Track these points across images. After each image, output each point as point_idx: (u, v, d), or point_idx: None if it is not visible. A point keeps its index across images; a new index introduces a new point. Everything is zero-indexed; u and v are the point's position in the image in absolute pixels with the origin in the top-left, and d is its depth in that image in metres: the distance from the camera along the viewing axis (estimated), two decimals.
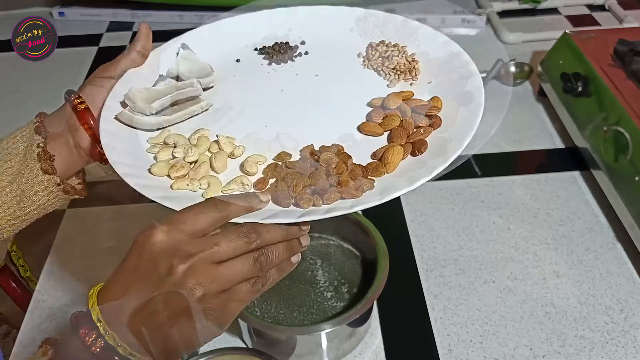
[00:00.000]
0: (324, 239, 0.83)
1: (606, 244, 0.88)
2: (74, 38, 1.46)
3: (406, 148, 0.51)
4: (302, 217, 0.44)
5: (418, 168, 0.48)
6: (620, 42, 1.01)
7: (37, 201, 0.54)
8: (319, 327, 0.67)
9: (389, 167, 0.49)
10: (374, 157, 0.51)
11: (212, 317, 0.41)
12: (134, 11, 1.50)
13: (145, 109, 0.55)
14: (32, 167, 0.53)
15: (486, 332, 0.76)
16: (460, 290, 0.82)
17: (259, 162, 0.52)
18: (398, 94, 0.56)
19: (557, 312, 0.79)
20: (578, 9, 1.50)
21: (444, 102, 0.55)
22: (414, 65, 0.60)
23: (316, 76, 0.62)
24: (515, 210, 0.94)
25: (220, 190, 0.49)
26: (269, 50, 0.65)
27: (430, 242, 0.89)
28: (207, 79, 0.61)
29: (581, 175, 1.00)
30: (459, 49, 0.59)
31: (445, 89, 0.57)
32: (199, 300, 0.40)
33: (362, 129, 0.54)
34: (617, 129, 0.88)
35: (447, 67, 0.59)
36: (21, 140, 0.55)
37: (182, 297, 0.40)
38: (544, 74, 1.14)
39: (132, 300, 0.41)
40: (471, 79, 0.55)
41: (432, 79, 0.59)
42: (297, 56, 0.65)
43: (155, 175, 0.51)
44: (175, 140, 0.54)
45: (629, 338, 0.75)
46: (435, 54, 0.61)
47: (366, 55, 0.63)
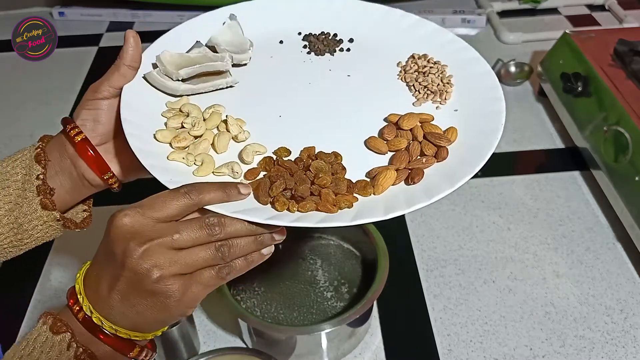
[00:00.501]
0: (324, 239, 0.83)
1: (606, 244, 0.88)
2: (74, 38, 1.46)
3: (402, 174, 0.49)
4: (268, 220, 0.44)
5: (403, 197, 0.47)
6: (620, 42, 1.01)
7: (35, 235, 0.53)
8: (319, 327, 0.67)
9: (376, 189, 0.47)
10: (368, 175, 0.50)
11: (172, 299, 0.43)
12: (134, 11, 1.51)
13: (172, 74, 0.55)
14: (30, 199, 0.51)
15: (486, 332, 0.76)
16: (460, 290, 0.82)
17: (257, 152, 0.51)
18: (416, 115, 0.54)
19: (557, 312, 0.79)
20: (578, 9, 1.50)
21: (461, 134, 0.52)
22: (446, 89, 0.57)
23: (348, 76, 0.60)
24: (515, 210, 0.94)
25: (211, 171, 0.49)
26: (312, 39, 0.63)
27: (430, 242, 0.89)
28: (241, 55, 0.59)
29: (581, 175, 1.00)
30: (495, 82, 0.56)
31: (467, 122, 0.54)
32: (156, 281, 0.41)
33: (368, 144, 0.52)
34: (617, 129, 0.88)
35: (479, 99, 0.55)
36: (21, 165, 0.52)
37: (138, 278, 0.42)
38: (544, 74, 1.14)
39: (99, 277, 0.44)
40: (494, 117, 0.52)
41: (460, 107, 0.56)
42: (340, 51, 0.63)
43: (158, 141, 0.51)
44: (189, 109, 0.53)
45: (629, 338, 0.75)
46: (473, 82, 0.57)
47: (404, 66, 0.61)
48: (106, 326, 0.44)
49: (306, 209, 0.45)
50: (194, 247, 0.43)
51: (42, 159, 0.52)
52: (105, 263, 0.43)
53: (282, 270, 0.80)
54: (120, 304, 0.43)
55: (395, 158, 0.50)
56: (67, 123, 0.53)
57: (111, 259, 0.43)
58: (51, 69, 1.33)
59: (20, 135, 1.15)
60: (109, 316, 0.44)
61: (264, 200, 0.46)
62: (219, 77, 0.57)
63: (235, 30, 0.62)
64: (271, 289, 0.78)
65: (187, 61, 0.57)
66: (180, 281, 0.42)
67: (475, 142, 0.51)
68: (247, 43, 0.61)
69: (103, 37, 1.47)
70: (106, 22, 1.52)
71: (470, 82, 0.57)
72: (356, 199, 0.47)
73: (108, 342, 0.44)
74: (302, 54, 0.63)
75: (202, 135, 0.52)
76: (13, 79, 1.33)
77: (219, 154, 0.51)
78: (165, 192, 0.44)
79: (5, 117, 1.21)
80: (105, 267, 0.43)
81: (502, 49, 1.34)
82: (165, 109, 0.55)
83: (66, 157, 0.53)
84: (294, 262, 0.81)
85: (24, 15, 0.99)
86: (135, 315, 0.43)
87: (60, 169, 0.53)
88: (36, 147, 0.53)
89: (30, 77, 1.32)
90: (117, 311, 0.43)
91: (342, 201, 0.46)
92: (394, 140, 0.52)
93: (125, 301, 0.43)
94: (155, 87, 0.56)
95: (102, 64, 0.56)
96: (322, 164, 0.49)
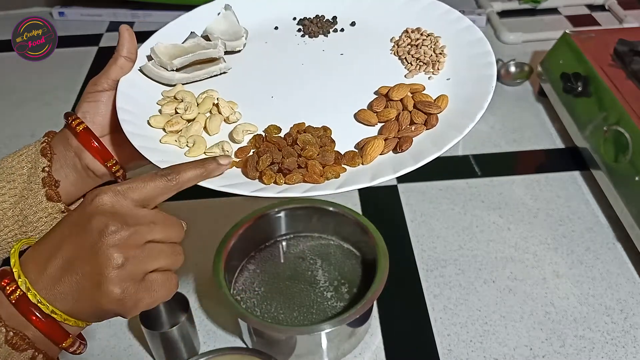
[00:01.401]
0: (324, 239, 0.83)
1: (606, 244, 0.88)
2: (74, 38, 1.46)
3: (391, 143, 0.49)
4: (255, 192, 0.45)
5: (390, 164, 0.47)
6: (620, 42, 1.01)
7: (39, 227, 0.53)
8: (319, 327, 0.67)
9: (365, 159, 0.48)
10: (357, 146, 0.50)
11: (121, 294, 0.41)
12: (134, 11, 1.51)
13: (167, 64, 0.57)
14: (36, 191, 0.52)
15: (486, 332, 0.76)
16: (460, 290, 0.82)
17: (248, 131, 0.52)
18: (406, 86, 0.54)
19: (557, 312, 0.79)
20: (578, 9, 1.50)
21: (452, 101, 0.53)
22: (439, 59, 0.57)
23: (341, 55, 0.61)
24: (515, 210, 0.94)
25: (203, 151, 0.50)
26: (305, 22, 0.65)
27: (430, 242, 0.89)
28: (234, 43, 0.61)
29: (581, 175, 1.00)
30: (487, 48, 0.56)
31: (459, 88, 0.54)
32: (115, 267, 0.40)
33: (357, 116, 0.53)
34: (617, 129, 0.88)
35: (471, 65, 0.56)
36: (26, 160, 0.53)
37: (101, 260, 0.40)
38: (544, 74, 1.14)
39: (54, 251, 0.41)
40: (485, 81, 0.52)
41: (454, 75, 0.56)
42: (334, 32, 0.64)
43: (152, 126, 0.53)
44: (183, 96, 0.55)
45: (629, 338, 0.75)
46: (466, 49, 0.57)
47: (397, 40, 0.61)
48: (42, 306, 0.40)
49: (293, 180, 0.46)
50: (156, 249, 0.42)
51: (47, 152, 0.53)
52: (69, 236, 0.41)
53: (282, 270, 0.80)
54: (66, 279, 0.40)
55: (384, 128, 0.51)
56: (68, 116, 0.54)
57: (80, 232, 0.41)
58: (51, 69, 1.33)
59: (21, 135, 1.15)
60: (48, 295, 0.41)
61: (252, 175, 0.47)
62: (212, 64, 0.59)
63: (230, 19, 0.63)
64: (271, 289, 0.78)
65: (181, 51, 0.58)
66: (134, 284, 0.41)
67: (464, 108, 0.51)
68: (242, 31, 0.63)
69: (103, 37, 1.47)
70: (106, 22, 1.52)
71: (463, 50, 0.58)
72: (344, 170, 0.48)
73: (40, 327, 0.41)
74: (296, 37, 0.64)
75: (194, 119, 0.53)
76: (13, 79, 1.33)
77: (211, 135, 0.53)
78: (146, 174, 0.44)
79: (5, 117, 1.21)
80: (67, 240, 0.41)
81: (502, 49, 1.34)
82: (161, 98, 0.56)
83: (70, 150, 0.54)
84: (294, 262, 0.81)
85: (24, 15, 0.99)
86: (75, 293, 0.41)
87: (65, 161, 0.54)
88: (42, 141, 0.54)
89: (30, 77, 1.32)
90: (59, 290, 0.41)
91: (329, 171, 0.46)
92: (384, 111, 0.52)
93: (72, 275, 0.40)
94: (152, 79, 0.57)
95: (102, 64, 0.56)
96: (309, 137, 0.49)
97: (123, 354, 0.76)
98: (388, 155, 0.49)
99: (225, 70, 0.59)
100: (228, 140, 0.52)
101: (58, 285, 0.41)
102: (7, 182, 0.52)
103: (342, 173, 0.47)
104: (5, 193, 0.52)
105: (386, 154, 0.49)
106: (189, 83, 0.58)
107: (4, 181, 0.52)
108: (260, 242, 0.83)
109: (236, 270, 0.80)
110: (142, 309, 0.42)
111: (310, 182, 0.46)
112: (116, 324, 0.79)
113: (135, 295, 0.41)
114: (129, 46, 0.55)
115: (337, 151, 0.49)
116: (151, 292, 0.42)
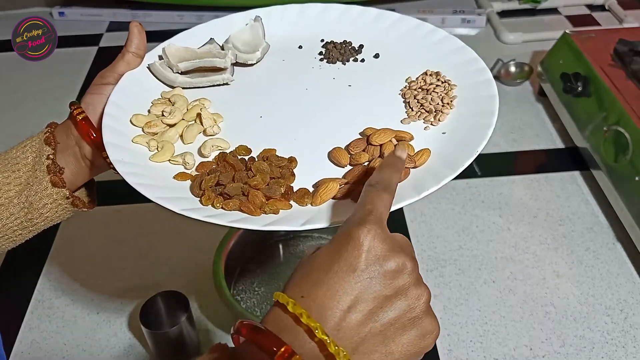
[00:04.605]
0: (323, 239, 0.83)
1: (606, 244, 0.88)
2: (74, 38, 1.46)
3: (346, 189, 0.46)
4: (183, 211, 0.43)
5: (336, 211, 0.44)
6: (620, 42, 1.01)
7: (45, 213, 0.54)
8: None
9: (315, 200, 0.45)
10: (315, 185, 0.47)
11: (431, 333, 0.35)
12: (134, 11, 1.51)
13: (173, 66, 0.58)
14: (41, 179, 0.53)
15: (486, 332, 0.76)
16: (460, 290, 0.82)
17: (219, 147, 0.52)
18: (392, 131, 0.50)
19: (557, 312, 0.79)
20: (578, 9, 1.50)
21: (434, 156, 0.49)
22: (443, 109, 0.53)
23: (348, 86, 0.59)
24: (515, 210, 0.94)
25: (168, 158, 0.50)
26: (329, 47, 0.63)
27: (430, 242, 0.89)
28: (247, 55, 0.60)
29: (581, 175, 1.00)
30: (494, 92, 0.52)
31: (448, 146, 0.50)
32: (423, 307, 0.34)
33: (330, 154, 0.50)
34: (617, 129, 0.88)
35: (469, 122, 0.52)
36: (30, 150, 0.54)
37: (409, 303, 0.34)
38: (544, 74, 1.14)
39: (345, 301, 0.34)
40: (472, 143, 0.50)
41: (450, 130, 0.52)
42: (354, 61, 0.62)
43: (133, 124, 0.53)
44: (176, 100, 0.56)
45: (629, 338, 0.75)
46: (473, 106, 0.53)
47: (412, 81, 0.57)
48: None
49: (229, 206, 0.45)
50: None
51: (51, 141, 0.54)
52: (360, 284, 0.35)
53: (282, 270, 0.80)
54: (378, 335, 0.34)
55: (349, 172, 0.48)
56: (72, 105, 0.55)
57: (376, 277, 0.35)
58: (51, 69, 1.33)
59: (21, 135, 1.14)
60: (354, 352, 0.33)
61: (195, 192, 0.47)
62: (217, 73, 0.59)
63: (255, 31, 0.63)
64: (271, 289, 0.78)
65: (191, 55, 0.59)
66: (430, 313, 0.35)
67: (435, 167, 0.49)
68: (262, 44, 0.62)
69: (103, 37, 1.47)
70: (106, 22, 1.52)
71: (471, 101, 0.54)
72: (289, 206, 0.46)
73: None
74: (314, 60, 0.62)
75: (175, 125, 0.53)
76: (13, 79, 1.33)
77: (186, 144, 0.53)
78: (367, 195, 0.38)
79: (5, 117, 1.21)
80: (364, 286, 0.35)
81: (502, 49, 1.34)
82: (157, 98, 0.57)
83: (72, 138, 0.55)
84: (294, 262, 0.81)
85: (24, 15, 0.99)
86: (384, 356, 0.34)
87: (66, 150, 0.55)
88: (45, 132, 0.55)
89: (30, 77, 1.32)
90: (367, 346, 0.34)
91: (268, 205, 0.45)
92: (358, 154, 0.49)
93: (386, 332, 0.34)
94: (157, 78, 0.58)
95: (102, 63, 0.56)
96: (265, 165, 0.48)
97: (123, 354, 0.76)
98: (343, 201, 0.46)
99: (228, 82, 0.59)
100: (193, 153, 0.51)
101: (365, 341, 0.34)
102: (12, 172, 0.53)
103: (285, 209, 0.45)
104: (10, 182, 0.53)
105: (340, 199, 0.46)
106: (190, 88, 0.58)
107: (9, 171, 0.53)
108: (260, 242, 0.83)
109: (236, 270, 0.80)
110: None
111: (246, 212, 0.45)
112: (116, 324, 0.79)
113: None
114: (138, 42, 0.56)
115: (290, 186, 0.47)
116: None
